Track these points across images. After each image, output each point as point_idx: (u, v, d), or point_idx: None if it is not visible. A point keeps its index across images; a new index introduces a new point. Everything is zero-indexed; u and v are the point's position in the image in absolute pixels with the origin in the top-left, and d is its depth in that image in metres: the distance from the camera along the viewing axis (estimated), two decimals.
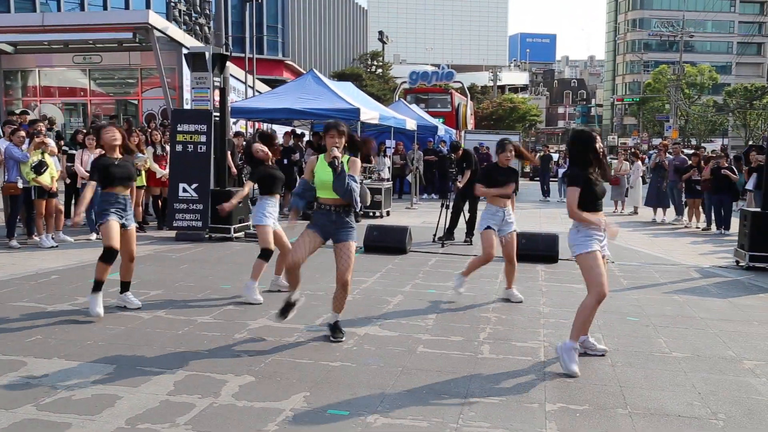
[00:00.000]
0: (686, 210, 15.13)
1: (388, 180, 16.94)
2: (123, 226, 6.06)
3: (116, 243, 5.89)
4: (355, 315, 6.11)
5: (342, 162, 5.07)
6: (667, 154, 15.98)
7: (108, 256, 5.88)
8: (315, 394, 4.21)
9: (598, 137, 4.99)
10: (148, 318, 5.93)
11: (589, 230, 4.81)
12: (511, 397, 4.26)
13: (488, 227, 6.77)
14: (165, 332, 5.49)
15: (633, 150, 21.32)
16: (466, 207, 11.30)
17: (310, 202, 5.40)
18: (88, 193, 6.15)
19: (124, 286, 6.27)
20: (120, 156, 6.18)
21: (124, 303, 6.23)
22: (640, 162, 18.55)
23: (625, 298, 7.23)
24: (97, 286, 5.91)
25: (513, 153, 6.86)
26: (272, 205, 6.75)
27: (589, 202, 4.81)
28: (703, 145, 44.64)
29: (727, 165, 13.50)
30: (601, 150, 4.87)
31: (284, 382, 4.40)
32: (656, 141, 54.88)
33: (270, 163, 6.95)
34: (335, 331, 5.39)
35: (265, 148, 6.89)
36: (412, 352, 5.11)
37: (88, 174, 9.93)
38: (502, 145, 6.94)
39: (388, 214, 15.33)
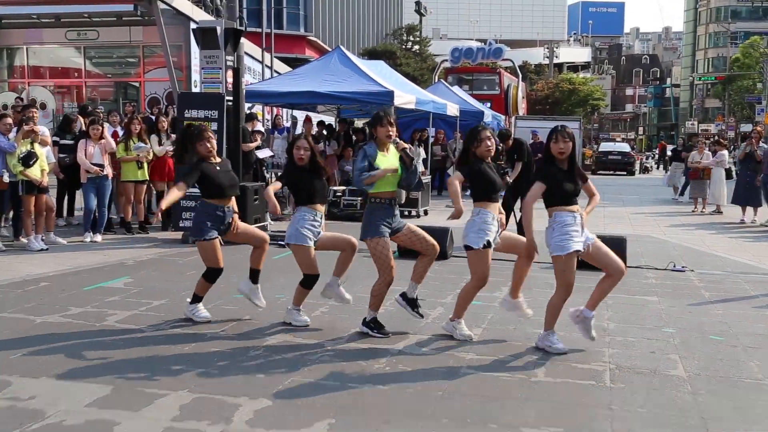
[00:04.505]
0: None
1: (425, 174, 16.90)
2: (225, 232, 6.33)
3: (220, 262, 6.26)
4: (388, 329, 6.10)
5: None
6: (761, 143, 15.65)
7: (213, 275, 6.32)
8: (342, 422, 4.21)
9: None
10: (150, 332, 6.00)
11: (566, 227, 5.36)
12: (571, 429, 4.21)
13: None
14: (169, 348, 5.55)
15: (717, 138, 20.94)
16: (518, 205, 11.21)
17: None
18: (177, 194, 6.20)
19: (255, 275, 6.55)
20: (219, 160, 6.41)
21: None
22: (725, 152, 18.20)
23: (708, 313, 7.10)
24: (197, 299, 6.39)
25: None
26: (313, 218, 6.18)
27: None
28: None
29: None
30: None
31: (306, 408, 4.42)
32: (745, 127, 53.82)
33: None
34: (415, 305, 6.17)
35: (306, 145, 6.22)
36: (455, 374, 5.09)
37: (98, 168, 10.27)
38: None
39: (425, 213, 15.31)
